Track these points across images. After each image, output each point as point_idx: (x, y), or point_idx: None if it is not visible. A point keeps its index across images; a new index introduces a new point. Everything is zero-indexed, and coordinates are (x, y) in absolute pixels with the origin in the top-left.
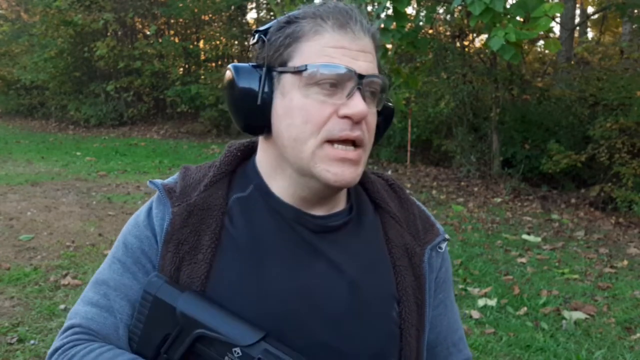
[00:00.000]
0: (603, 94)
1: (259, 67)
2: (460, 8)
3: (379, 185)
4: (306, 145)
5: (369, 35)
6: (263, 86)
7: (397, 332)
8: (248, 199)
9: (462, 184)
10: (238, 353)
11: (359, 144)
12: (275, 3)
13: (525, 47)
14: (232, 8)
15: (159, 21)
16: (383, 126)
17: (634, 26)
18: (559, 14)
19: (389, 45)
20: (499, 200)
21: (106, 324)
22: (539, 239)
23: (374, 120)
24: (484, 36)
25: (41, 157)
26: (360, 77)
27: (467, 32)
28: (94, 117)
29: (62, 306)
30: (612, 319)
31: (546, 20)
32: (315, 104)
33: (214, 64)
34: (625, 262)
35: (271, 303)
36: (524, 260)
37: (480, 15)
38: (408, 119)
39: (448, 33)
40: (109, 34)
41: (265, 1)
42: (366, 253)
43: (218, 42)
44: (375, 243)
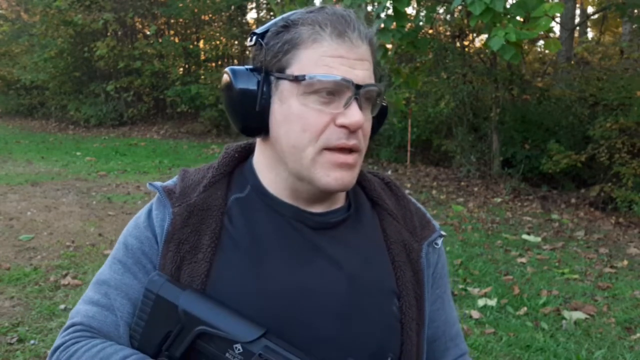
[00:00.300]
0: (603, 94)
1: (256, 71)
2: (460, 8)
3: (376, 184)
4: (305, 153)
5: (367, 41)
6: (261, 91)
7: (398, 327)
8: (247, 200)
9: (462, 184)
10: (239, 349)
11: (355, 150)
12: (275, 3)
13: (525, 47)
14: (232, 8)
15: (159, 21)
16: (377, 126)
17: (634, 26)
18: (559, 14)
19: (389, 45)
20: (499, 200)
21: (107, 322)
22: (539, 239)
23: (369, 126)
24: (484, 36)
25: (41, 157)
26: (357, 87)
27: (467, 32)
28: (94, 117)
29: (62, 306)
30: (612, 319)
31: (546, 20)
32: (313, 112)
33: (214, 64)
34: (625, 262)
35: (271, 300)
36: (524, 260)
37: (481, 15)
38: (408, 119)
39: (448, 33)
40: (109, 34)
41: (265, 1)
42: (365, 249)
43: (218, 42)
44: (374, 239)
